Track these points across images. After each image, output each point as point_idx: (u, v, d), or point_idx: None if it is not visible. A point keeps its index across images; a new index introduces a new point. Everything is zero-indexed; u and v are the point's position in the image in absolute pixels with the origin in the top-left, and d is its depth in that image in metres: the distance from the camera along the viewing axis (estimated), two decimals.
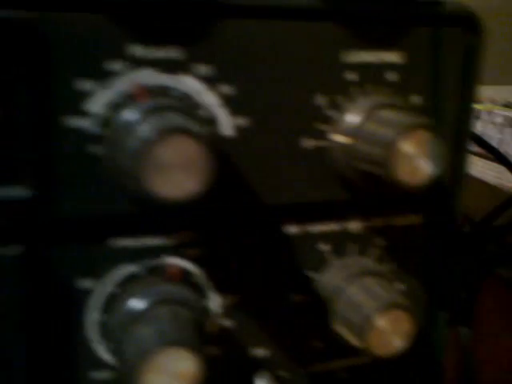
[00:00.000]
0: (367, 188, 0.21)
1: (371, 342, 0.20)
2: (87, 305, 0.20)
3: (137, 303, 0.19)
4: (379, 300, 0.20)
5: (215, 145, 0.17)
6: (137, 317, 0.18)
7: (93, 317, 0.20)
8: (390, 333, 0.20)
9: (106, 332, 0.20)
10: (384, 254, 0.24)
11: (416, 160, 0.19)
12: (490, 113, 0.60)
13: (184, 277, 0.21)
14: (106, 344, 0.20)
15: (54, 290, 0.20)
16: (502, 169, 0.54)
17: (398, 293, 0.21)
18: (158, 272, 0.20)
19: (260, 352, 0.23)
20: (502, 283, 0.55)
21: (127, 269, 0.20)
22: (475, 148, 0.61)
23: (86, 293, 0.20)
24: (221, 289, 0.22)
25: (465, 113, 0.23)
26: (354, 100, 0.21)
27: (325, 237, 0.23)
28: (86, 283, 0.20)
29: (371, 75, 0.21)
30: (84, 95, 0.18)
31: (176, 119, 0.16)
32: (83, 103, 0.18)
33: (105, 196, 0.19)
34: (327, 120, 0.21)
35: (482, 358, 0.38)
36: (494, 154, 0.49)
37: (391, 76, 0.22)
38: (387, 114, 0.20)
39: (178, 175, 0.16)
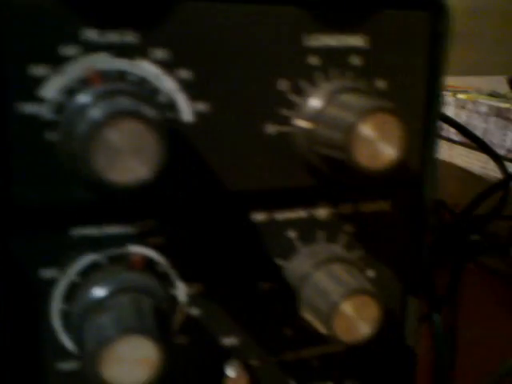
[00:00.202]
0: (332, 173, 0.21)
1: (337, 329, 0.20)
2: (51, 295, 0.20)
3: (98, 291, 0.19)
4: (345, 286, 0.20)
5: (170, 130, 0.17)
6: (98, 305, 0.18)
7: (56, 307, 0.20)
8: (356, 319, 0.20)
9: (69, 322, 0.20)
10: (353, 241, 0.23)
11: (376, 144, 0.19)
12: (474, 102, 0.59)
13: (147, 265, 0.20)
14: (70, 334, 0.20)
15: (15, 281, 0.19)
16: (487, 158, 0.54)
17: (364, 279, 0.21)
18: (121, 261, 0.20)
19: (229, 340, 0.23)
20: (486, 271, 0.56)
21: (89, 258, 0.20)
22: (460, 138, 0.61)
23: (49, 282, 0.20)
24: (186, 277, 0.21)
25: (432, 98, 0.23)
26: (317, 84, 0.20)
27: (292, 224, 0.22)
28: (48, 273, 0.20)
29: (334, 59, 0.21)
30: (38, 81, 0.18)
31: (126, 103, 0.16)
32: (37, 89, 0.18)
33: (63, 183, 0.19)
34: (290, 105, 0.21)
35: (468, 342, 0.39)
36: (477, 144, 0.49)
37: (355, 60, 0.21)
38: (348, 98, 0.19)
39: (127, 159, 0.16)
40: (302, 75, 0.20)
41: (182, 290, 0.21)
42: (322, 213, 0.23)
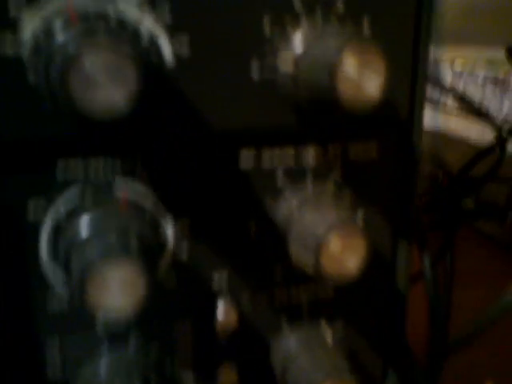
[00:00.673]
0: (319, 116, 0.21)
1: (324, 263, 0.20)
2: (39, 230, 0.20)
3: (84, 226, 0.19)
4: (331, 219, 0.20)
5: (149, 63, 0.17)
6: (84, 235, 0.18)
7: (45, 247, 0.20)
8: (343, 252, 0.20)
9: (57, 257, 0.20)
10: (341, 184, 0.24)
11: (360, 80, 0.19)
12: (471, 71, 0.59)
13: (134, 200, 0.21)
14: (58, 271, 0.21)
15: (4, 216, 0.20)
16: (484, 128, 0.54)
17: (351, 214, 0.21)
18: (107, 198, 0.20)
19: (219, 277, 0.23)
20: (483, 237, 0.56)
21: (76, 195, 0.20)
22: (458, 107, 0.61)
23: (38, 222, 0.20)
24: (174, 213, 0.22)
25: (420, 37, 0.23)
26: (303, 28, 0.20)
27: (280, 166, 0.22)
28: (36, 206, 0.20)
29: (320, 4, 0.21)
30: (16, 22, 0.18)
31: (103, 36, 0.16)
32: (16, 29, 0.18)
33: (47, 119, 0.19)
34: (274, 47, 0.21)
35: (462, 305, 0.39)
36: (471, 108, 0.49)
37: (341, 6, 0.21)
38: (332, 38, 0.19)
39: (103, 88, 0.16)
40: (286, 18, 0.20)
41: (169, 230, 0.22)
42: (309, 155, 0.23)
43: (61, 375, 0.22)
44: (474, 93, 0.58)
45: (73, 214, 0.20)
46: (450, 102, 0.62)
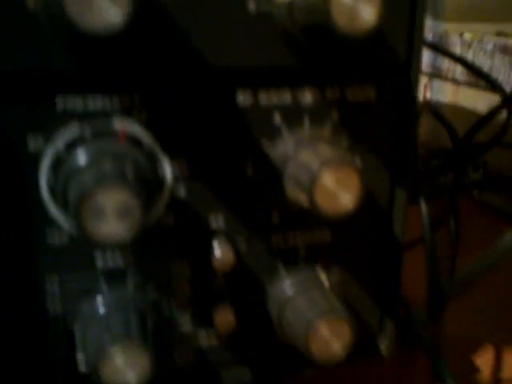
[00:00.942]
0: (314, 47, 0.21)
1: (319, 198, 0.20)
2: (39, 166, 0.20)
3: (82, 157, 0.19)
4: (326, 157, 0.20)
5: None
6: (81, 164, 0.19)
7: (44, 179, 0.21)
8: (337, 188, 0.20)
9: (56, 193, 0.21)
10: (339, 128, 0.24)
11: (356, 4, 0.19)
12: (480, 41, 0.58)
13: (132, 141, 0.21)
14: (58, 204, 0.21)
15: (5, 151, 0.20)
16: (493, 99, 0.53)
17: (345, 152, 0.21)
18: (105, 134, 0.21)
19: (215, 220, 0.23)
20: (488, 208, 0.55)
21: (74, 129, 0.20)
22: (466, 78, 0.60)
23: (37, 153, 0.20)
24: (171, 154, 0.22)
25: None
26: None
27: (277, 106, 0.23)
28: (35, 142, 0.20)
29: None
30: None
31: None
32: None
33: (45, 49, 0.19)
34: None
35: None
36: (479, 76, 0.48)
37: None
38: None
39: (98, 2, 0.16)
40: None
41: (167, 168, 0.22)
42: (307, 97, 0.23)
43: (61, 311, 0.22)
44: (483, 63, 0.57)
45: (71, 147, 0.20)
46: (458, 72, 0.62)
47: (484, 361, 0.34)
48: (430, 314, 0.25)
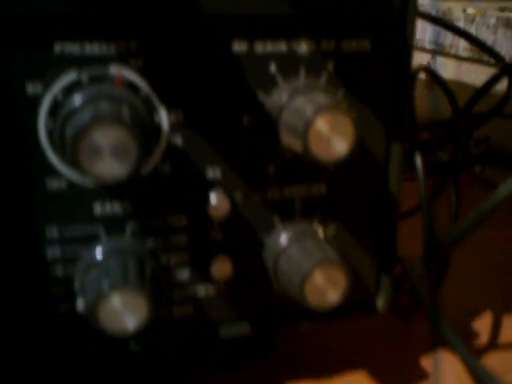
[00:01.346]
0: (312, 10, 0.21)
1: (313, 144, 0.21)
2: (37, 111, 0.21)
3: (78, 100, 0.20)
4: (320, 103, 0.21)
5: None
6: (77, 109, 0.19)
7: (42, 124, 0.21)
8: (331, 134, 0.21)
9: (54, 139, 0.21)
10: (334, 80, 0.24)
11: None
12: (483, 15, 0.58)
13: (128, 86, 0.21)
14: (55, 151, 0.21)
15: (3, 96, 0.20)
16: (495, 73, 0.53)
17: (340, 99, 0.21)
18: (102, 78, 0.21)
19: (212, 172, 0.24)
20: (489, 185, 0.55)
21: (72, 75, 0.21)
22: (469, 54, 0.60)
23: (35, 98, 0.21)
24: (168, 103, 0.22)
25: None
26: None
27: (273, 56, 0.23)
28: (34, 88, 0.20)
29: None
30: None
31: None
32: None
33: None
34: None
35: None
36: (481, 48, 0.48)
37: None
38: None
39: None
40: None
41: (163, 116, 0.22)
42: (303, 47, 0.23)
43: (60, 258, 0.23)
44: (486, 38, 0.57)
45: (69, 92, 0.20)
46: (461, 48, 0.62)
47: (482, 327, 0.34)
48: (426, 264, 0.26)
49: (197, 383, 0.29)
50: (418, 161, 0.26)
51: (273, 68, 0.23)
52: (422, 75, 0.67)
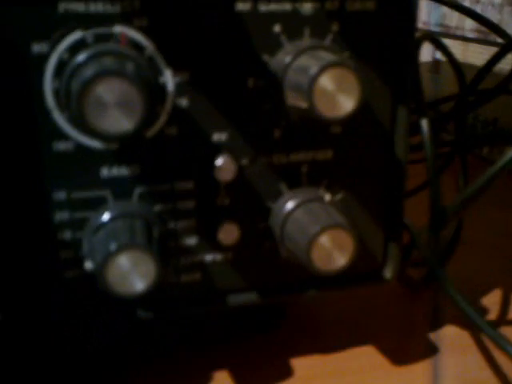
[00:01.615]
0: None
1: (318, 100, 0.20)
2: (43, 71, 0.21)
3: (84, 57, 0.20)
4: (325, 60, 0.21)
5: None
6: (82, 64, 0.19)
7: (49, 84, 0.21)
8: (336, 91, 0.21)
9: (59, 99, 0.21)
10: (339, 40, 0.24)
11: None
12: None
13: (133, 45, 0.21)
14: (62, 112, 0.21)
15: (10, 57, 0.20)
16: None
17: (346, 58, 0.21)
18: (107, 36, 0.21)
19: (218, 136, 0.24)
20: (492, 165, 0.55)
21: (77, 35, 0.21)
22: (475, 35, 0.60)
23: (41, 58, 0.21)
24: (173, 64, 0.22)
25: None
26: None
27: (277, 17, 0.23)
28: (39, 47, 0.21)
29: None
30: None
31: None
32: None
33: None
34: None
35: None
36: (487, 26, 0.48)
37: None
38: None
39: None
40: None
41: (169, 78, 0.22)
42: (307, 7, 0.23)
43: (68, 220, 0.23)
44: (492, 17, 0.56)
45: (75, 51, 0.20)
46: (467, 29, 0.61)
47: (490, 304, 0.34)
48: (432, 227, 0.26)
49: (203, 355, 0.29)
50: (424, 125, 0.25)
51: (277, 28, 0.23)
52: (428, 61, 0.67)
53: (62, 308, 0.24)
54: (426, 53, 0.68)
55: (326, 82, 0.20)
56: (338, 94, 0.20)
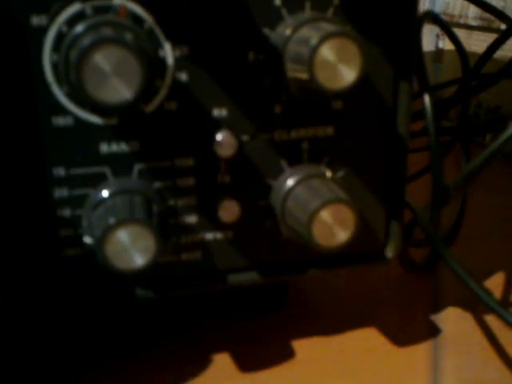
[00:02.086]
0: None
1: (319, 71, 0.20)
2: (42, 44, 0.21)
3: (82, 27, 0.19)
4: (326, 31, 0.20)
5: None
6: (81, 35, 0.19)
7: (48, 58, 0.21)
8: (337, 61, 0.20)
9: (59, 73, 0.21)
10: (340, 14, 0.23)
11: None
12: None
13: (133, 18, 0.21)
14: (61, 86, 0.21)
15: (9, 28, 0.20)
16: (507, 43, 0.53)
17: (347, 29, 0.21)
18: (106, 8, 0.21)
19: (218, 111, 0.23)
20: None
21: (76, 7, 0.21)
22: (478, 22, 0.59)
23: (40, 30, 0.20)
24: (173, 38, 0.22)
25: None
26: None
27: None
28: (38, 20, 0.20)
29: None
30: None
31: None
32: None
33: None
34: None
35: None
36: (491, 12, 0.47)
37: None
38: None
39: None
40: None
41: (168, 51, 0.22)
42: None
43: (67, 196, 0.23)
44: (496, 4, 0.56)
45: (73, 24, 0.20)
46: (471, 17, 0.61)
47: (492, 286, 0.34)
48: (434, 203, 0.25)
49: (203, 338, 0.29)
50: (427, 100, 0.25)
51: (278, 1, 0.22)
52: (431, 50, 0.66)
53: (62, 287, 0.24)
54: (429, 42, 0.68)
55: (327, 52, 0.20)
56: (339, 65, 0.20)
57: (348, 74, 0.20)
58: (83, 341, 0.29)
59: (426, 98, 0.25)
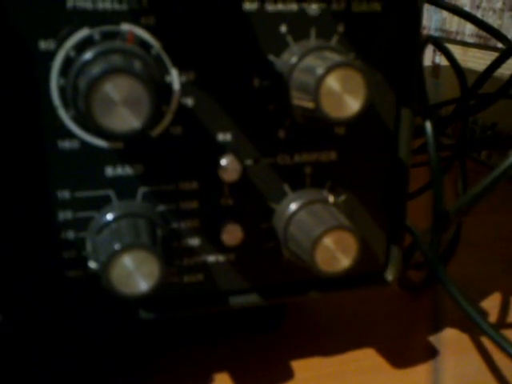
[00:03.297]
0: None
1: (324, 101, 0.20)
2: (49, 68, 0.21)
3: (91, 54, 0.20)
4: (332, 60, 0.21)
5: None
6: (89, 62, 0.19)
7: (55, 82, 0.21)
8: (343, 91, 0.21)
9: (66, 97, 0.21)
10: (344, 41, 0.24)
11: None
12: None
13: (140, 44, 0.21)
14: (68, 110, 0.21)
15: (17, 53, 0.20)
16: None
17: (352, 59, 0.21)
18: (114, 34, 0.21)
19: (223, 136, 0.23)
20: (490, 170, 0.55)
21: (84, 32, 0.21)
22: (475, 39, 0.60)
23: (48, 55, 0.21)
24: (179, 64, 0.22)
25: None
26: None
27: (284, 17, 0.23)
28: (46, 44, 0.20)
29: None
30: None
31: None
32: None
33: None
34: None
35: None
36: (486, 30, 0.48)
37: None
38: None
39: None
40: None
41: (175, 77, 0.22)
42: (313, 8, 0.23)
43: (71, 219, 0.23)
44: (492, 23, 0.57)
45: (81, 49, 0.20)
46: (467, 34, 0.62)
47: (491, 307, 0.34)
48: (435, 229, 0.26)
49: (203, 356, 0.29)
50: (428, 126, 0.25)
51: (283, 28, 0.23)
52: (429, 63, 0.67)
53: (64, 308, 0.24)
54: (426, 57, 0.68)
55: (332, 82, 0.20)
56: (344, 95, 0.20)
57: (353, 104, 0.21)
58: (83, 359, 0.29)
59: (428, 125, 0.25)
